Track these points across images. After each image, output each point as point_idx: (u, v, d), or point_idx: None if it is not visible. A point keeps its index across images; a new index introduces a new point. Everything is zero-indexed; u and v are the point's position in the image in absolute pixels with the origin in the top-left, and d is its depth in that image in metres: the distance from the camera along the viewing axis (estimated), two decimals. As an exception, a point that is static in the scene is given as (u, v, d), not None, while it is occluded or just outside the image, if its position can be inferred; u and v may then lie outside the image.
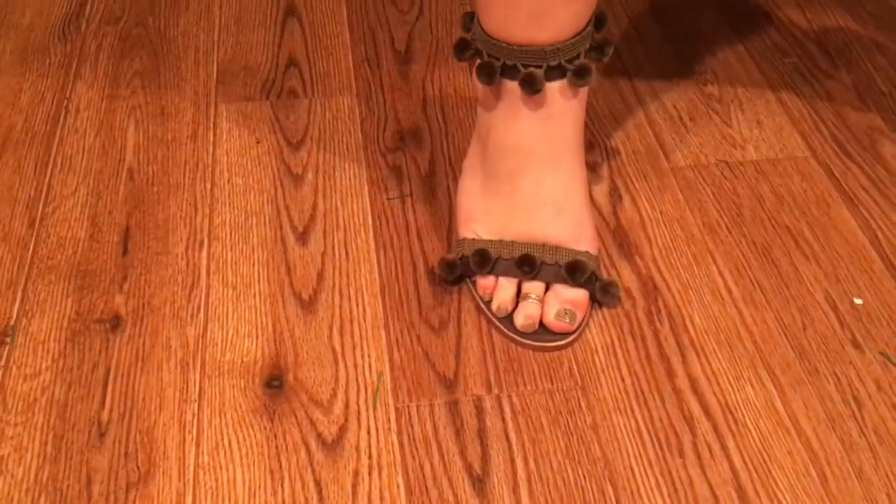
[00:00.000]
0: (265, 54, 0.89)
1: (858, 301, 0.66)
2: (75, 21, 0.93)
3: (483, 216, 0.66)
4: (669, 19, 0.94)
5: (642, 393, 0.61)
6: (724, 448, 0.58)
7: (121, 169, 0.77)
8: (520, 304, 0.64)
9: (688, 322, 0.65)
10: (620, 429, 0.59)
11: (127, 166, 0.77)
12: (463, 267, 0.66)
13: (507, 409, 0.60)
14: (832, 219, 0.73)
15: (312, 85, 0.86)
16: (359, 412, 0.60)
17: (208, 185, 0.76)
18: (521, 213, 0.64)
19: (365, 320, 0.66)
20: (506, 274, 0.64)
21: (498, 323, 0.64)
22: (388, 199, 0.75)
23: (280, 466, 0.57)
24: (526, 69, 0.60)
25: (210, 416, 0.59)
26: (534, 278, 0.64)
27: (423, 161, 0.78)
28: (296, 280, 0.68)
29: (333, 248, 0.71)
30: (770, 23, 0.93)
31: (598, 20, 0.62)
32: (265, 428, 0.59)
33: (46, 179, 0.76)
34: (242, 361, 0.63)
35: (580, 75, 0.60)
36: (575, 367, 0.63)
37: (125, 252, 0.70)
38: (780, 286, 0.68)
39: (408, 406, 0.60)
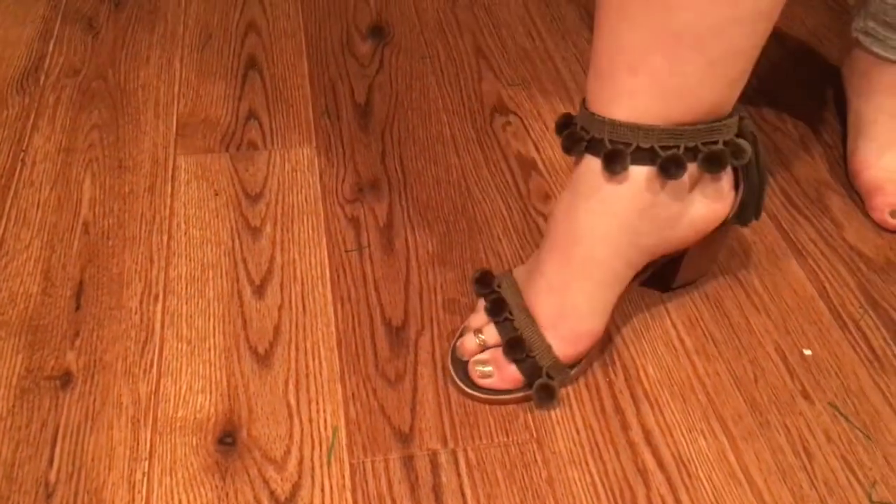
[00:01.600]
0: (225, 107, 0.90)
1: (808, 352, 0.68)
2: (34, 73, 0.93)
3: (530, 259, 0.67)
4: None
5: (597, 446, 0.61)
6: (677, 501, 0.58)
7: (76, 222, 0.77)
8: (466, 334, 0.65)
9: (641, 373, 0.66)
10: (575, 482, 0.59)
11: (82, 220, 0.77)
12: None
13: (462, 463, 0.60)
14: (781, 271, 0.74)
15: (272, 137, 0.86)
16: (313, 469, 0.59)
17: (165, 238, 0.75)
18: (533, 274, 0.64)
19: (321, 374, 0.65)
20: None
21: (453, 373, 0.64)
22: (346, 251, 0.75)
23: (232, 526, 0.56)
24: (613, 146, 0.57)
25: (160, 475, 0.59)
26: (497, 321, 0.64)
27: (381, 212, 0.79)
28: (252, 334, 0.68)
29: (290, 302, 0.70)
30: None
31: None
32: (217, 487, 0.58)
33: (0, 233, 0.76)
34: (195, 418, 0.62)
35: (667, 169, 0.58)
36: (530, 419, 0.63)
37: (78, 307, 0.69)
38: (731, 337, 0.69)
39: (363, 462, 0.60)
